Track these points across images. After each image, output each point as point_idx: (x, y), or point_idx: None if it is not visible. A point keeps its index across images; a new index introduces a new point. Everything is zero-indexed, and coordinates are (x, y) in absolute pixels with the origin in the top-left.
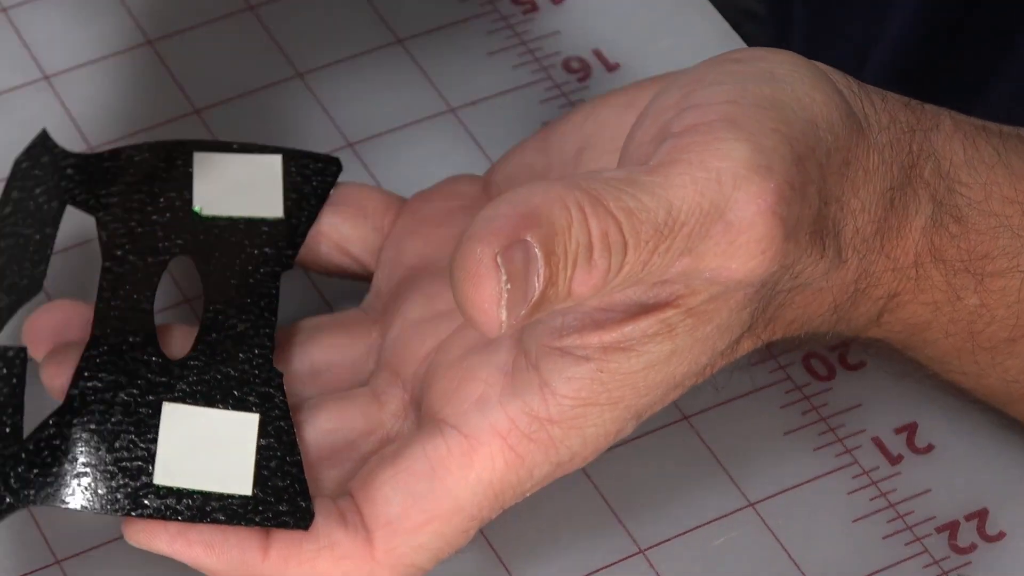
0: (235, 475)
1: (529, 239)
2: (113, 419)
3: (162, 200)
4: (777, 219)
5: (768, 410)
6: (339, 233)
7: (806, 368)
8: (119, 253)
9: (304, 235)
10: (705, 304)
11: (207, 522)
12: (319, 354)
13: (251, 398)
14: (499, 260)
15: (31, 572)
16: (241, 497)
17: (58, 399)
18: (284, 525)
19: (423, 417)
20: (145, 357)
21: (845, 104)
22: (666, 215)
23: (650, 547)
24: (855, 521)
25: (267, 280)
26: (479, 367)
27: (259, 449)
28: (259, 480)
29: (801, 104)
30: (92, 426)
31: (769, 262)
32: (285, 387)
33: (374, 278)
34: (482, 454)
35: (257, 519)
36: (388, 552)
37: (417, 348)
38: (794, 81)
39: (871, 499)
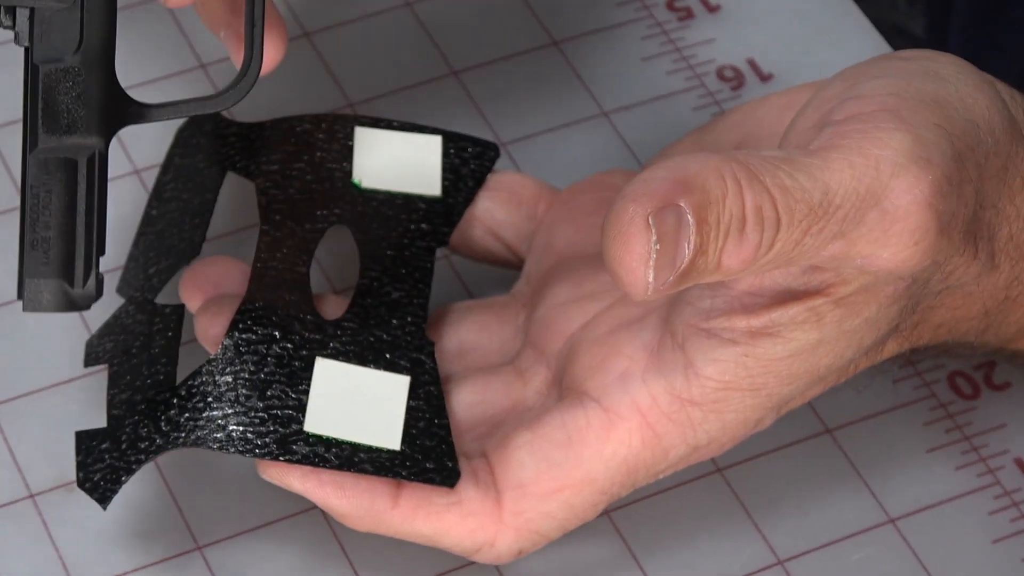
0: (384, 430)
1: (682, 204)
2: (266, 369)
3: (322, 170)
4: (932, 211)
5: (912, 427)
6: (493, 218)
7: (951, 386)
8: (277, 218)
9: (460, 215)
10: (855, 295)
11: (354, 471)
12: (467, 334)
13: (402, 362)
14: (651, 220)
15: (172, 557)
16: (389, 451)
17: (211, 351)
18: (430, 481)
19: (564, 390)
20: (300, 315)
21: (1007, 111)
22: (822, 196)
23: (788, 559)
24: (995, 542)
25: (422, 254)
26: (624, 344)
27: (408, 410)
28: (407, 438)
29: (964, 104)
30: (244, 375)
31: (921, 255)
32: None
33: (525, 264)
34: (620, 429)
35: (404, 473)
36: (516, 515)
37: (562, 327)
38: (958, 82)
39: (1012, 520)
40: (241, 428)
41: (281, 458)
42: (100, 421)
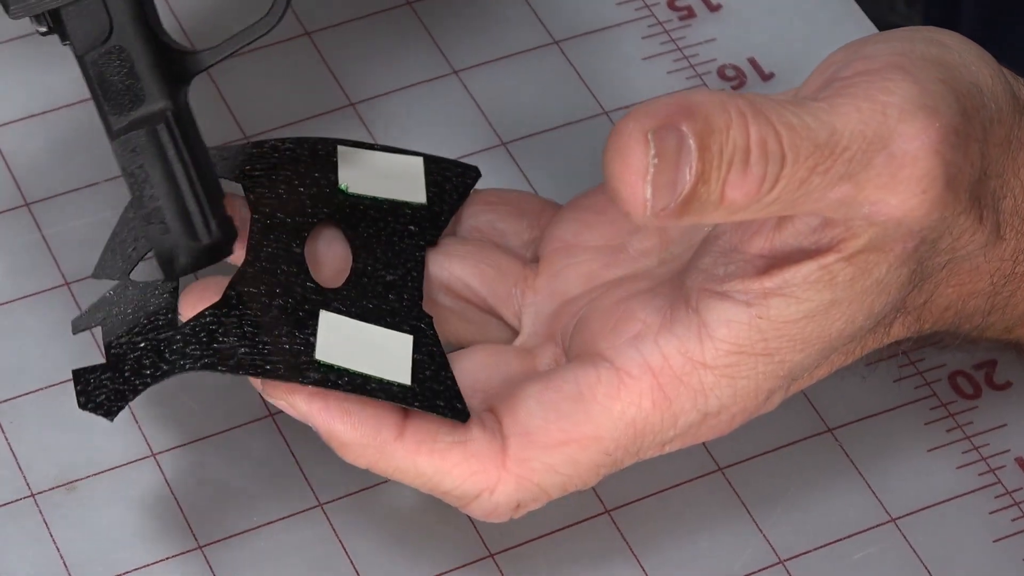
0: (394, 369)
1: (684, 129)
2: (271, 314)
3: (307, 178)
4: (940, 159)
5: (913, 426)
6: (494, 228)
7: (952, 386)
8: (267, 210)
9: (447, 222)
10: (865, 252)
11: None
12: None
13: (403, 327)
14: (649, 136)
15: (173, 556)
16: (400, 385)
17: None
18: (442, 413)
19: (575, 355)
20: (300, 281)
21: (1009, 86)
22: (828, 136)
23: (789, 558)
24: (996, 541)
25: (413, 249)
26: (638, 309)
27: (414, 362)
28: (416, 381)
29: (968, 70)
30: (250, 317)
31: (929, 205)
32: None
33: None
34: (631, 388)
35: (416, 403)
36: (520, 462)
37: (573, 314)
38: (961, 51)
39: (1012, 520)
40: (250, 356)
41: (293, 381)
42: (101, 421)
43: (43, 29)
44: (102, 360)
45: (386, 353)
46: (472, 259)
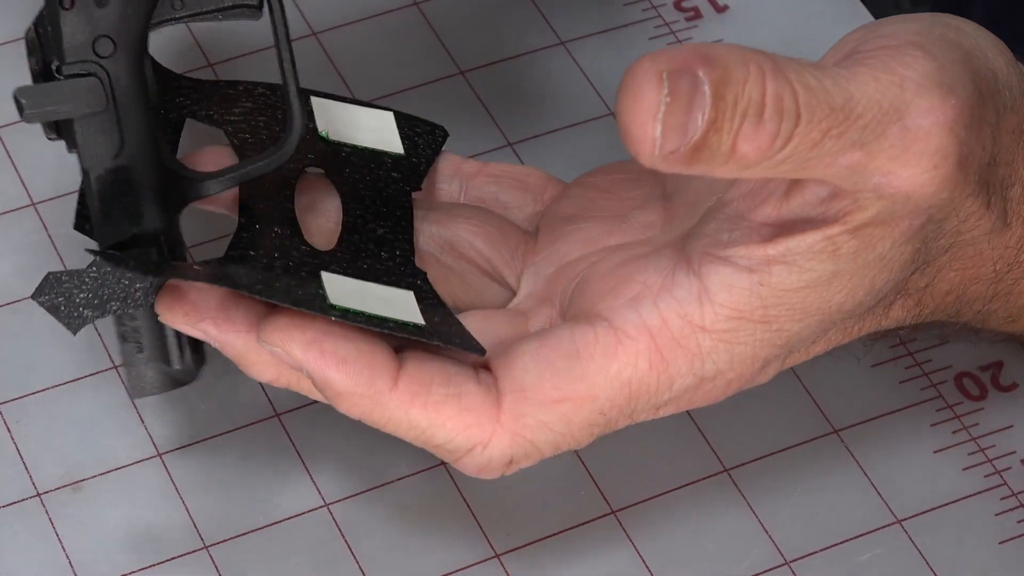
0: (406, 314)
1: (701, 74)
2: (275, 272)
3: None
4: (953, 137)
5: (919, 427)
6: (497, 200)
7: (958, 387)
8: (252, 156)
9: (426, 171)
10: (870, 226)
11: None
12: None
13: (401, 285)
14: (664, 76)
15: (179, 556)
16: (416, 324)
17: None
18: (459, 347)
19: (572, 316)
20: (294, 244)
21: (1023, 76)
22: (845, 101)
23: (795, 559)
24: (1002, 543)
25: (400, 195)
26: (638, 271)
27: (421, 311)
28: (429, 324)
29: (984, 56)
30: (258, 266)
31: (939, 182)
32: None
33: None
34: (628, 348)
35: (435, 340)
36: (514, 418)
37: (572, 277)
38: (978, 37)
39: (1018, 521)
40: (268, 290)
41: (317, 312)
42: (108, 420)
43: (52, 135)
44: (110, 361)
45: (393, 303)
46: (476, 219)
